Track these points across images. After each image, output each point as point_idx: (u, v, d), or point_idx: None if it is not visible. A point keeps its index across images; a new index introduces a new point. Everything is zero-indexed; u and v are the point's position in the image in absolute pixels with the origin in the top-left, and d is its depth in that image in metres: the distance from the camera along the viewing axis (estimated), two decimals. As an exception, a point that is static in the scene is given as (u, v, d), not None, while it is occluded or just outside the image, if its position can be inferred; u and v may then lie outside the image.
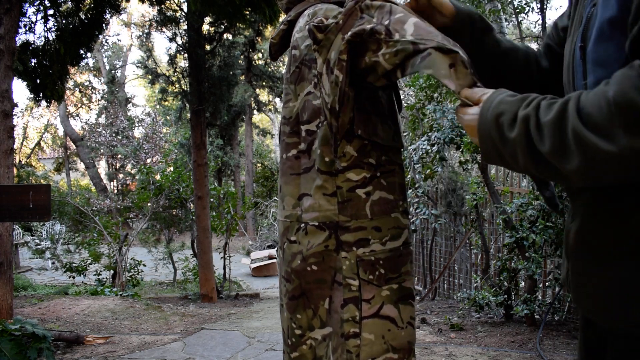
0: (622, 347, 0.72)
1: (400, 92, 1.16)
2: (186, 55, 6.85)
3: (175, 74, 7.37)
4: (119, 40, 25.74)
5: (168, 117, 17.00)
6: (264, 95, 18.93)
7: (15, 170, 8.27)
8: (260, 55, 16.05)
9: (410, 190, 5.11)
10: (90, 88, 21.74)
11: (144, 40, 9.61)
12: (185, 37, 6.83)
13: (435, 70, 0.81)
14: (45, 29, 5.13)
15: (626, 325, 0.68)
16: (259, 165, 19.50)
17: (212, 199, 7.86)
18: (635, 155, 0.56)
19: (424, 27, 0.85)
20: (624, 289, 0.67)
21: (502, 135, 0.70)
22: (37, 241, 10.56)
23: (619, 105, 0.56)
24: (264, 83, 16.30)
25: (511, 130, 0.68)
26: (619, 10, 0.65)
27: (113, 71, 20.21)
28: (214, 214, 7.67)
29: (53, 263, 9.74)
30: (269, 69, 15.84)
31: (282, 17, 1.23)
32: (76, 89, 20.95)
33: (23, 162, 20.12)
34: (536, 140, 0.65)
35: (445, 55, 0.80)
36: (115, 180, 19.42)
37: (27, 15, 5.01)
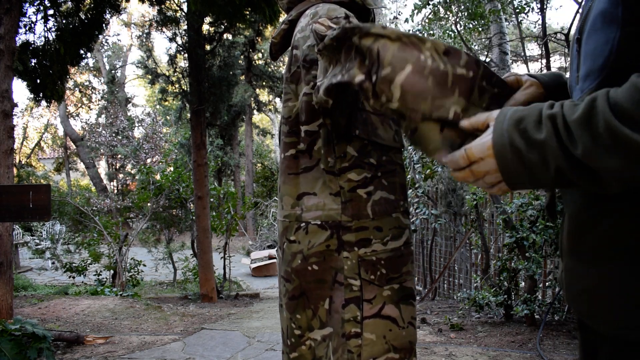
0: (611, 350, 0.71)
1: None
2: (186, 55, 6.85)
3: (175, 74, 7.37)
4: (119, 40, 25.77)
5: (168, 117, 17.01)
6: (264, 95, 18.94)
7: (15, 170, 8.27)
8: (260, 55, 16.05)
9: (410, 190, 5.11)
10: (90, 88, 21.75)
11: (144, 40, 9.61)
12: (185, 37, 6.83)
13: (422, 148, 0.77)
14: (45, 29, 5.13)
15: (614, 329, 0.67)
16: (259, 165, 19.51)
17: (212, 199, 7.86)
18: None
19: (412, 90, 0.73)
20: (614, 291, 0.66)
21: (529, 139, 0.63)
22: (37, 241, 10.56)
23: None
24: (264, 83, 16.31)
25: (538, 131, 0.62)
26: (608, 2, 0.65)
27: (113, 71, 20.22)
28: (214, 214, 7.67)
29: (53, 263, 9.74)
30: (269, 69, 15.84)
31: (283, 17, 1.23)
32: (76, 89, 20.96)
33: (23, 162, 20.12)
34: (566, 141, 0.60)
35: (434, 123, 0.74)
36: (115, 180, 19.42)
37: (27, 15, 5.01)
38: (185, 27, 6.76)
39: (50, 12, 5.14)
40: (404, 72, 0.73)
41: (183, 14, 6.72)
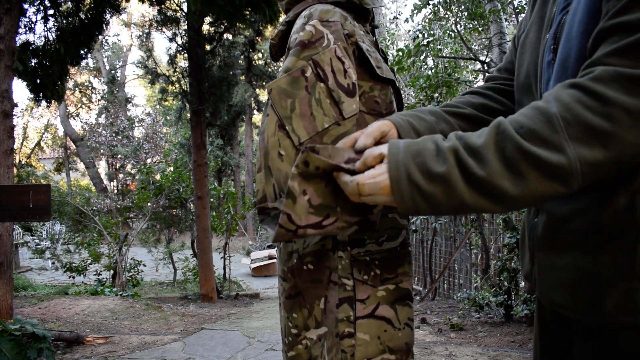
0: (592, 338, 0.73)
1: (401, 92, 1.14)
2: (186, 55, 6.86)
3: (175, 74, 7.38)
4: (119, 40, 25.78)
5: (168, 117, 17.02)
6: (264, 95, 18.94)
7: (15, 170, 8.28)
8: (260, 55, 16.06)
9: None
10: (90, 88, 21.76)
11: (144, 40, 9.61)
12: (185, 37, 6.83)
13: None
14: (45, 29, 5.13)
15: (601, 316, 0.68)
16: (259, 165, 19.49)
17: (212, 199, 7.87)
18: (584, 165, 0.59)
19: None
20: (591, 280, 0.68)
21: (429, 173, 0.64)
22: (37, 241, 10.57)
23: (565, 119, 0.60)
24: (264, 83, 16.31)
25: (439, 163, 0.64)
26: (585, 14, 0.69)
27: (113, 71, 20.23)
28: (214, 214, 7.68)
29: (53, 263, 9.75)
30: (269, 69, 15.85)
31: (282, 17, 1.23)
32: (76, 89, 20.97)
33: (23, 162, 20.13)
34: (472, 166, 0.62)
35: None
36: (115, 180, 19.45)
37: (27, 15, 5.01)
38: (185, 27, 6.77)
39: (50, 12, 5.14)
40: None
41: (183, 14, 6.72)
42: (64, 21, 5.21)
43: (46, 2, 5.10)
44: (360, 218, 0.80)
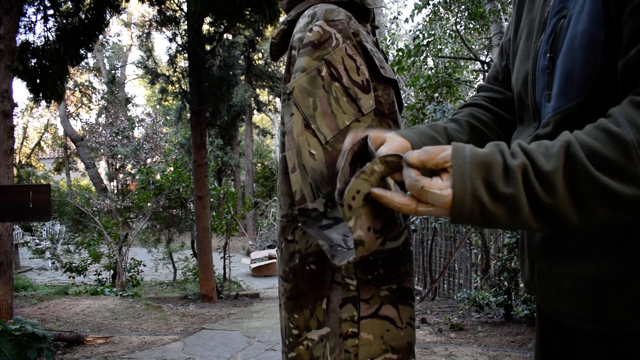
0: (592, 348, 0.71)
1: (401, 92, 1.15)
2: (186, 55, 6.86)
3: (175, 74, 7.38)
4: (119, 40, 25.71)
5: (168, 117, 17.01)
6: (264, 95, 18.94)
7: (15, 170, 8.28)
8: (260, 55, 16.06)
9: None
10: (90, 88, 21.77)
11: (144, 40, 9.62)
12: (185, 37, 6.83)
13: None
14: (45, 29, 5.13)
15: (607, 323, 0.67)
16: (259, 165, 19.52)
17: (212, 199, 7.87)
18: None
19: None
20: (595, 288, 0.67)
21: (495, 193, 0.59)
22: (37, 241, 10.57)
23: None
24: (264, 83, 16.31)
25: (507, 185, 0.59)
26: (590, 24, 0.66)
27: (113, 71, 20.23)
28: (214, 214, 7.68)
29: (53, 263, 9.75)
30: (269, 69, 15.85)
31: (283, 17, 1.23)
32: (76, 89, 20.97)
33: (23, 162, 20.13)
34: (539, 192, 0.58)
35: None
36: (115, 180, 19.45)
37: (27, 15, 5.01)
38: (185, 27, 6.77)
39: (50, 12, 5.14)
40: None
41: (183, 14, 6.73)
42: (64, 21, 5.21)
43: (46, 2, 5.10)
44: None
